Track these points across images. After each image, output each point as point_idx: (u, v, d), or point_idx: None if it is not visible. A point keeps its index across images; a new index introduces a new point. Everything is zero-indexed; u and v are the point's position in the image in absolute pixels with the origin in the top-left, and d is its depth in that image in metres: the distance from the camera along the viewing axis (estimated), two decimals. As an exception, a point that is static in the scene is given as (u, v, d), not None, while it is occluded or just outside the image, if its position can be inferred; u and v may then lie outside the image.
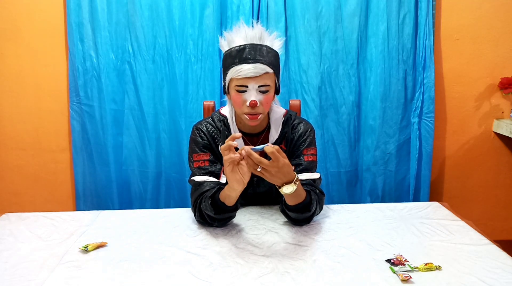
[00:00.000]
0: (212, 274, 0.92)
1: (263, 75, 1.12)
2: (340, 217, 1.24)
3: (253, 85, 1.11)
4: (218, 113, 1.29)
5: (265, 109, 1.16)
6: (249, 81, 1.11)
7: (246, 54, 1.11)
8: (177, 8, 1.93)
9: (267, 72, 1.12)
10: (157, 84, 2.01)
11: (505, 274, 0.90)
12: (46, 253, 1.02)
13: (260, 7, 1.94)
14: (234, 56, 1.13)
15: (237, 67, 1.11)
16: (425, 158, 2.06)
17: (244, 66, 1.10)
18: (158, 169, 2.07)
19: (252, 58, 1.11)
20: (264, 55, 1.12)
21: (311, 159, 1.24)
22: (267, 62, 1.12)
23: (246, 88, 1.12)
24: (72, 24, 1.95)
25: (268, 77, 1.13)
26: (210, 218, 1.13)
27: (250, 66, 1.10)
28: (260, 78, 1.11)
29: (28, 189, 2.19)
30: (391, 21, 1.96)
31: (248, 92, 1.12)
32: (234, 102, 1.17)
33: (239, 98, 1.14)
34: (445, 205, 1.31)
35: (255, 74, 1.10)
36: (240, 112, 1.17)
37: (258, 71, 1.10)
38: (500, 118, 2.16)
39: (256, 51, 1.12)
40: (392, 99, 2.03)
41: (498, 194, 2.26)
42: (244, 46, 1.12)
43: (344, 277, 0.90)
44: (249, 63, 1.10)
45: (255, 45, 1.13)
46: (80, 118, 2.04)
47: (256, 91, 1.12)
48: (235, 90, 1.14)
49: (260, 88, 1.12)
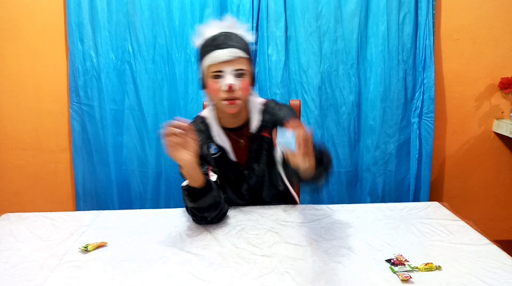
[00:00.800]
0: (212, 274, 0.92)
1: (237, 59, 1.14)
2: (340, 217, 1.24)
3: (228, 69, 1.14)
4: (198, 116, 1.33)
5: (243, 94, 1.17)
6: (224, 66, 1.14)
7: (219, 41, 1.14)
8: (177, 8, 1.93)
9: (241, 56, 1.15)
10: (157, 84, 2.01)
11: (505, 274, 0.90)
12: (46, 253, 1.02)
13: (260, 7, 1.94)
14: (208, 45, 1.16)
15: (212, 53, 1.14)
16: (425, 158, 2.06)
17: (218, 51, 1.13)
18: (158, 169, 2.07)
19: (226, 43, 1.14)
20: (237, 41, 1.16)
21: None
22: (240, 47, 1.15)
23: (222, 73, 1.14)
24: (72, 24, 1.95)
25: (243, 62, 1.16)
26: (196, 210, 1.14)
27: (225, 51, 1.13)
28: (235, 62, 1.14)
29: (28, 189, 2.19)
30: (391, 21, 1.96)
31: (224, 77, 1.14)
32: (211, 91, 1.18)
33: (215, 84, 1.16)
34: (445, 205, 1.31)
35: (230, 57, 1.13)
36: (218, 99, 1.17)
37: (233, 54, 1.13)
38: (500, 118, 2.16)
39: (229, 38, 1.16)
40: (392, 99, 2.03)
41: (498, 194, 2.26)
42: (218, 35, 1.16)
43: (344, 277, 0.90)
44: (223, 48, 1.13)
45: (227, 32, 1.17)
46: (80, 118, 2.04)
47: (232, 75, 1.14)
48: (211, 77, 1.16)
49: (236, 72, 1.15)
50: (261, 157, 1.27)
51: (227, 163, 1.28)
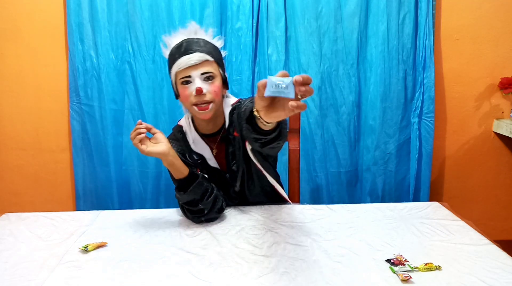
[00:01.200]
0: (212, 274, 0.92)
1: (203, 62, 1.15)
2: (340, 217, 1.24)
3: (195, 73, 1.15)
4: (176, 125, 1.34)
5: (214, 97, 1.17)
6: (190, 70, 1.15)
7: (184, 48, 1.16)
8: (177, 8, 1.93)
9: (207, 59, 1.16)
10: (157, 84, 2.00)
11: (505, 274, 0.90)
12: (46, 253, 1.02)
13: (260, 7, 1.94)
14: (174, 53, 1.18)
15: (178, 61, 1.16)
16: (425, 158, 2.06)
17: (183, 57, 1.15)
18: (158, 169, 2.07)
19: (190, 49, 1.16)
20: (201, 46, 1.17)
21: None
22: (205, 51, 1.16)
23: (190, 78, 1.15)
24: (72, 24, 1.95)
25: (209, 65, 1.17)
26: (191, 204, 1.15)
27: (189, 56, 1.15)
28: (201, 66, 1.15)
29: (28, 189, 2.19)
30: (391, 21, 1.96)
31: (193, 82, 1.15)
32: (182, 97, 1.19)
33: (185, 90, 1.17)
34: (445, 205, 1.31)
35: (196, 62, 1.14)
36: (189, 105, 1.18)
37: (198, 58, 1.14)
38: (500, 118, 2.16)
39: (193, 43, 1.17)
40: (392, 99, 2.03)
41: (498, 194, 2.26)
42: (181, 42, 1.18)
43: (344, 277, 0.90)
44: (188, 54, 1.15)
45: (191, 39, 1.19)
46: (80, 118, 2.04)
47: (201, 79, 1.15)
48: (180, 84, 1.17)
49: (204, 75, 1.15)
50: (236, 157, 1.28)
51: (209, 169, 1.29)
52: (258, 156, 1.26)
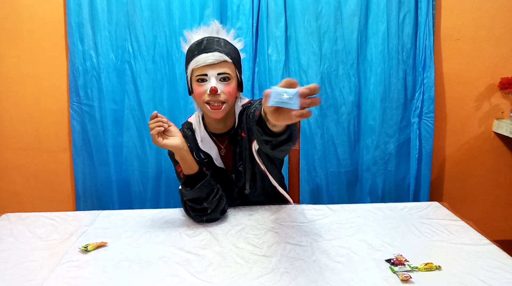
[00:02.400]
0: (212, 274, 0.92)
1: (221, 63, 1.15)
2: (340, 217, 1.24)
3: (212, 72, 1.15)
4: (185, 122, 1.34)
5: (227, 98, 1.17)
6: (207, 69, 1.15)
7: (204, 45, 1.16)
8: (177, 8, 1.93)
9: (225, 60, 1.16)
10: (157, 84, 2.00)
11: (505, 274, 0.90)
12: (46, 253, 1.02)
13: (260, 7, 1.94)
14: (193, 49, 1.18)
15: (196, 58, 1.16)
16: (425, 158, 2.06)
17: (202, 55, 1.15)
18: (158, 169, 2.07)
19: (210, 47, 1.15)
20: (221, 46, 1.17)
21: None
22: (225, 52, 1.16)
23: (206, 76, 1.15)
24: (72, 24, 1.95)
25: (227, 66, 1.17)
26: (195, 202, 1.15)
27: (208, 54, 1.14)
28: (218, 66, 1.15)
29: (28, 189, 2.19)
30: (391, 21, 1.96)
31: (208, 81, 1.15)
32: (196, 95, 1.19)
33: (200, 88, 1.17)
34: (445, 205, 1.31)
35: (214, 61, 1.14)
36: (202, 102, 1.18)
37: (216, 58, 1.14)
38: (500, 118, 2.16)
39: (213, 42, 1.17)
40: (392, 99, 2.03)
41: (498, 194, 2.26)
42: (202, 39, 1.18)
43: (344, 277, 0.90)
44: (207, 52, 1.15)
45: (212, 37, 1.19)
46: (80, 118, 2.04)
47: (216, 79, 1.15)
48: (195, 81, 1.17)
49: (220, 76, 1.16)
50: (243, 158, 1.28)
51: (214, 169, 1.29)
52: (264, 158, 1.26)
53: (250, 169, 1.29)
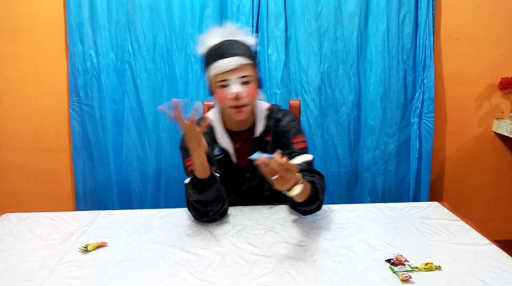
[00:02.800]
0: (212, 274, 0.92)
1: (242, 66, 1.16)
2: (340, 217, 1.24)
3: (233, 77, 1.16)
4: (203, 117, 1.33)
5: (250, 100, 1.19)
6: (229, 75, 1.15)
7: (222, 50, 1.16)
8: (177, 8, 1.93)
9: (245, 63, 1.17)
10: (157, 84, 2.00)
11: (505, 274, 0.90)
12: (46, 253, 1.02)
13: (260, 7, 1.94)
14: (211, 54, 1.18)
15: (216, 63, 1.16)
16: (425, 158, 2.06)
17: (222, 61, 1.15)
18: (158, 169, 2.07)
19: (229, 52, 1.16)
20: (240, 48, 1.17)
21: (301, 147, 1.27)
22: (243, 54, 1.17)
23: (228, 81, 1.16)
24: (72, 24, 1.95)
25: (248, 68, 1.18)
26: (198, 203, 1.14)
27: (228, 60, 1.15)
28: (239, 70, 1.16)
29: (28, 189, 2.19)
30: (391, 21, 1.96)
31: (231, 86, 1.16)
32: (218, 99, 1.20)
33: (222, 93, 1.18)
34: (445, 205, 1.31)
35: (234, 66, 1.15)
36: (226, 107, 1.19)
37: (237, 63, 1.15)
38: (500, 118, 2.16)
39: (232, 46, 1.17)
40: (392, 99, 2.03)
41: (498, 194, 2.26)
42: (220, 44, 1.18)
43: (344, 277, 0.90)
44: (227, 57, 1.15)
45: (229, 40, 1.19)
46: (80, 118, 2.04)
47: (238, 83, 1.16)
48: (218, 86, 1.18)
49: (241, 79, 1.16)
50: None
51: (229, 165, 1.29)
52: None
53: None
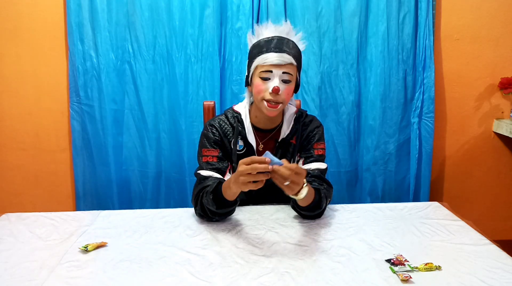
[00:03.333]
0: (212, 274, 0.92)
1: (287, 65, 1.17)
2: (340, 217, 1.24)
3: (277, 71, 1.16)
4: (231, 110, 1.32)
5: (285, 99, 1.20)
6: (274, 68, 1.16)
7: (273, 44, 1.17)
8: (177, 8, 1.93)
9: (291, 63, 1.18)
10: (157, 84, 2.01)
11: (505, 274, 0.90)
12: (46, 253, 1.02)
13: (260, 7, 1.94)
14: (262, 45, 1.19)
15: (264, 55, 1.17)
16: (425, 158, 2.06)
17: (271, 54, 1.16)
18: (158, 169, 2.07)
19: (279, 48, 1.16)
20: (290, 48, 1.18)
21: (320, 153, 1.32)
22: (292, 54, 1.18)
23: (271, 74, 1.17)
24: (72, 24, 1.95)
25: (292, 69, 1.19)
26: (211, 212, 1.15)
27: (277, 55, 1.16)
28: (284, 67, 1.17)
29: (28, 189, 2.19)
30: (391, 21, 1.96)
31: (272, 79, 1.17)
32: (256, 90, 1.20)
33: (262, 85, 1.18)
34: (445, 205, 1.31)
35: (281, 62, 1.16)
36: (261, 99, 1.19)
37: (284, 59, 1.16)
38: (500, 118, 2.16)
39: (283, 43, 1.18)
40: (392, 99, 2.03)
41: (498, 194, 2.26)
42: (272, 38, 1.19)
43: (344, 277, 0.90)
44: (276, 52, 1.16)
45: (282, 37, 1.19)
46: (80, 118, 2.04)
47: (279, 79, 1.17)
48: (259, 77, 1.19)
49: (283, 76, 1.17)
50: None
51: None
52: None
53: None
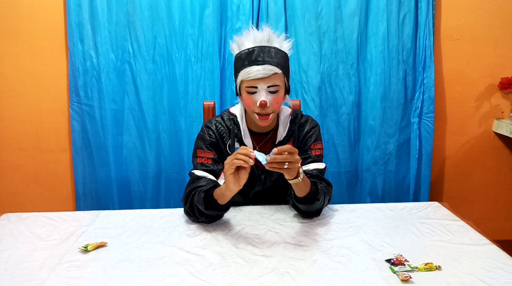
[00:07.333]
0: (212, 274, 0.92)
1: (272, 75, 1.15)
2: (340, 217, 1.24)
3: (262, 85, 1.15)
4: (227, 112, 1.33)
5: (275, 108, 1.20)
6: (258, 82, 1.15)
7: (255, 56, 1.15)
8: (177, 8, 1.93)
9: (275, 73, 1.15)
10: (157, 84, 2.01)
11: (505, 274, 0.90)
12: (46, 253, 1.02)
13: (260, 7, 1.94)
14: (243, 58, 1.17)
15: (246, 69, 1.15)
16: (425, 158, 2.06)
17: (253, 68, 1.14)
18: (158, 169, 2.07)
19: (261, 59, 1.15)
20: (272, 57, 1.16)
21: (318, 153, 1.31)
22: (275, 63, 1.15)
23: (256, 89, 1.16)
24: (72, 24, 1.95)
25: (277, 78, 1.17)
26: (199, 211, 1.15)
27: (259, 67, 1.13)
28: (269, 79, 1.15)
29: (28, 189, 2.19)
30: (391, 21, 1.96)
31: (258, 93, 1.16)
32: (245, 103, 1.21)
33: (250, 99, 1.18)
34: (445, 205, 1.31)
35: (264, 75, 1.14)
36: (251, 112, 1.21)
37: (267, 72, 1.14)
38: (500, 118, 2.16)
39: (264, 53, 1.16)
40: (392, 99, 2.03)
41: (498, 194, 2.26)
42: (253, 49, 1.16)
43: (344, 277, 0.90)
44: (258, 64, 1.14)
45: (263, 47, 1.17)
46: (80, 118, 2.04)
47: (266, 92, 1.16)
48: (245, 92, 1.18)
49: (270, 88, 1.16)
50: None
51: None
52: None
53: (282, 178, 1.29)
